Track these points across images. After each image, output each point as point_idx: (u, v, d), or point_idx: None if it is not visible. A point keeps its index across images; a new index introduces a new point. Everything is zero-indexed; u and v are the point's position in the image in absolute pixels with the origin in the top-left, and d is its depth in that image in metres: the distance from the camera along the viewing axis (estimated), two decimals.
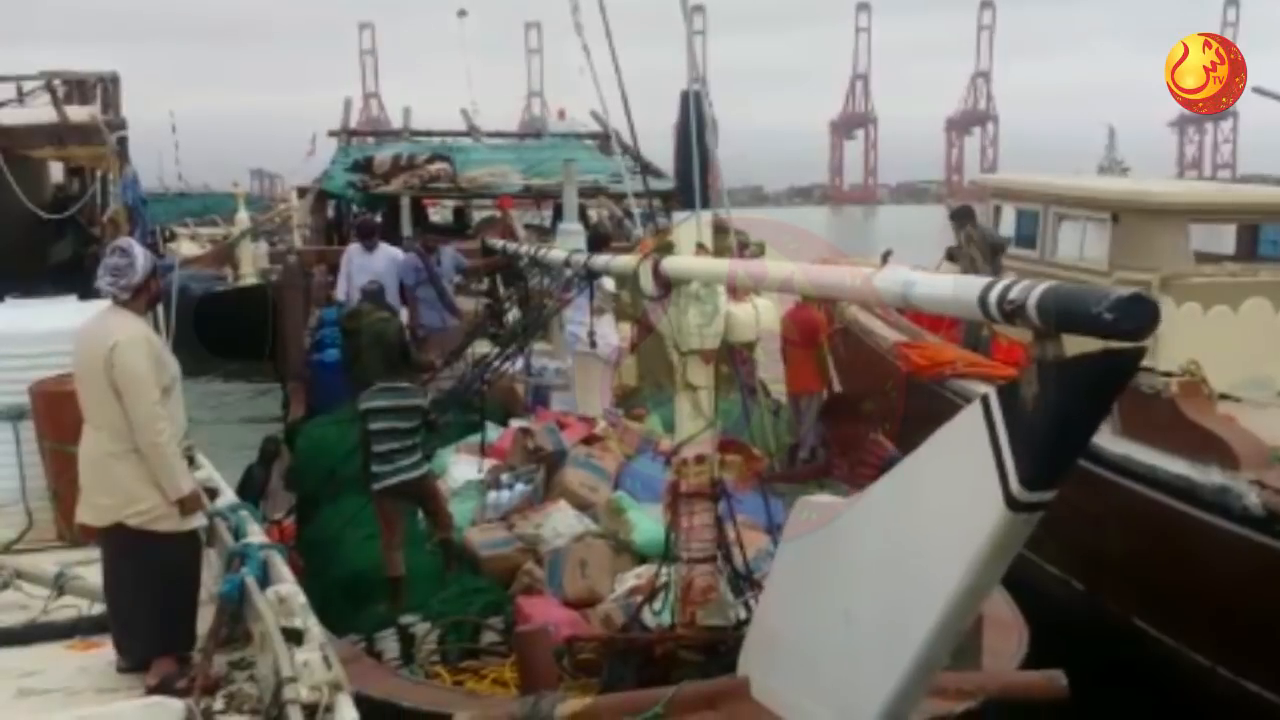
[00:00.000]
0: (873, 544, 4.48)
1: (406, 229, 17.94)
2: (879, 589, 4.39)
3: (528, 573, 7.83)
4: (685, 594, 6.47)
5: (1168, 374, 8.60)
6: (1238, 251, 11.68)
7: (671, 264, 6.38)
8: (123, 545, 5.89)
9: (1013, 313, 3.58)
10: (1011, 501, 3.59)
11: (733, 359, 8.11)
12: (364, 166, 18.85)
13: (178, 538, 5.94)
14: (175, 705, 5.37)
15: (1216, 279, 10.96)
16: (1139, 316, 3.16)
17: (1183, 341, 10.18)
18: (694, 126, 6.90)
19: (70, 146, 14.21)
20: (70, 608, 6.74)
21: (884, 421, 12.33)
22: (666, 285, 6.36)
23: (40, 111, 14.73)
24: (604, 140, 17.18)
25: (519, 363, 10.90)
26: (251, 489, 10.28)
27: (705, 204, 6.91)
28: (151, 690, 5.67)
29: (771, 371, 12.61)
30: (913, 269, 13.82)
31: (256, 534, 6.90)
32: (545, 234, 17.38)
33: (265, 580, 6.04)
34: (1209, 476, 7.93)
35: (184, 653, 5.91)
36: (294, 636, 5.29)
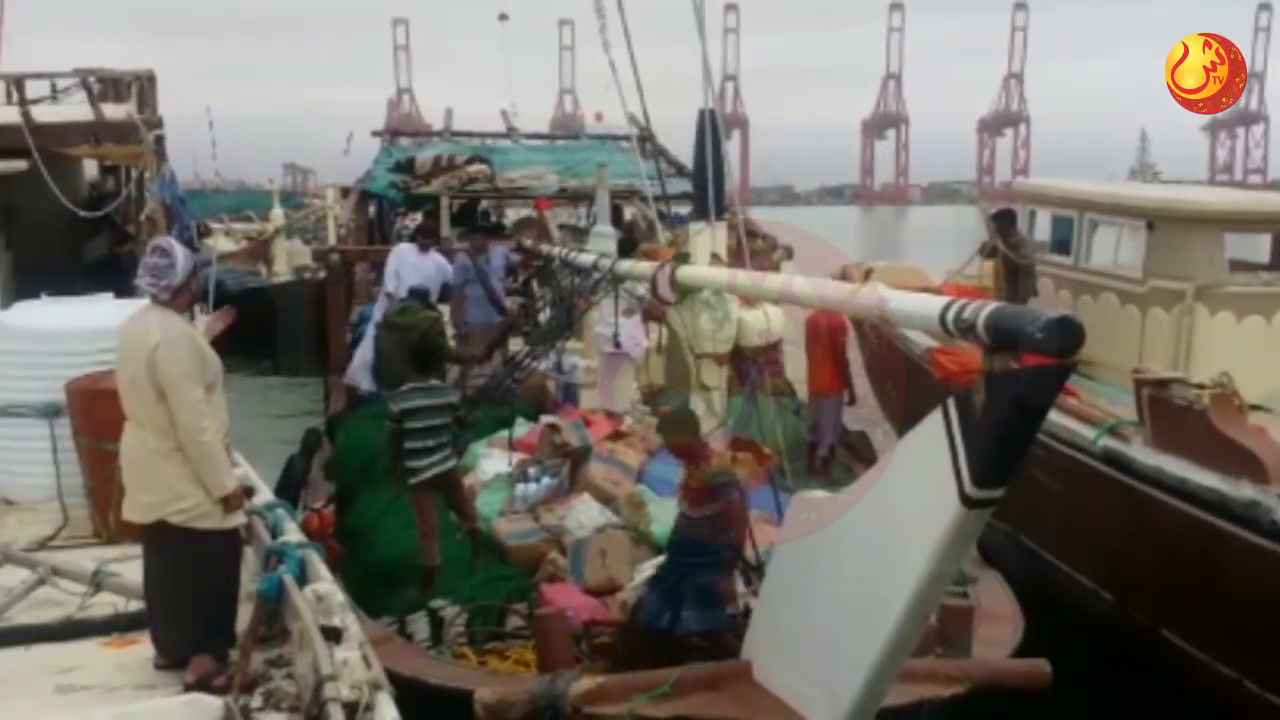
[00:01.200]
0: (855, 537, 4.90)
1: (445, 229, 18.34)
2: (859, 577, 4.81)
3: (551, 562, 8.17)
4: None
5: (1200, 386, 8.55)
6: (1272, 261, 11.57)
7: (685, 273, 6.82)
8: (164, 542, 5.92)
9: (965, 330, 4.03)
10: (965, 498, 4.05)
11: (749, 361, 8.29)
12: (406, 167, 19.20)
13: (219, 535, 5.98)
14: (213, 703, 5.40)
15: (1251, 289, 10.88)
16: (1064, 337, 3.63)
17: (1216, 351, 10.14)
18: (709, 145, 7.33)
19: (106, 145, 14.29)
20: (107, 605, 6.78)
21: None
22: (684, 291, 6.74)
23: (76, 109, 14.83)
24: (640, 143, 17.48)
25: (550, 361, 11.26)
26: (293, 478, 10.59)
27: (720, 216, 7.30)
28: (190, 687, 5.70)
29: (794, 372, 12.85)
30: (948, 272, 13.76)
31: (294, 532, 6.93)
32: (580, 234, 17.54)
33: (303, 578, 6.08)
34: (1239, 490, 7.90)
35: (222, 650, 5.95)
36: (333, 635, 5.32)
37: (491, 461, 9.89)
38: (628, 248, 12.25)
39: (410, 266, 13.92)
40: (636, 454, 9.43)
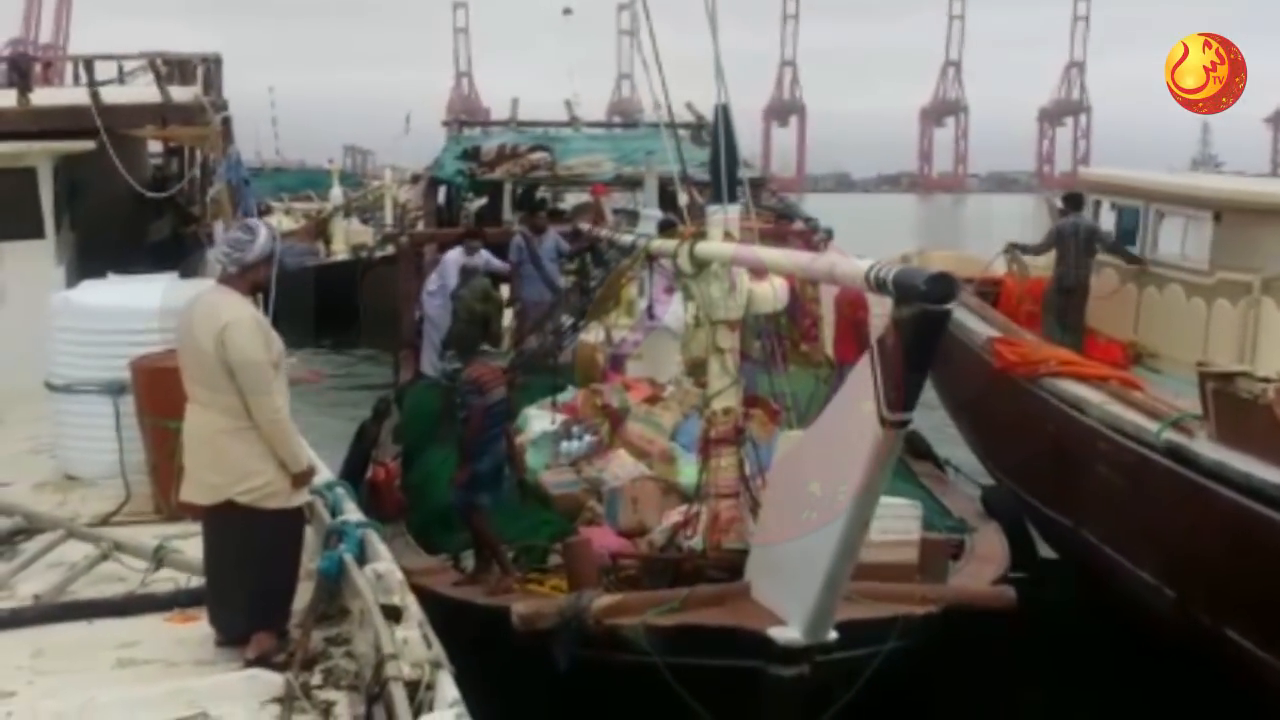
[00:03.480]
0: (816, 463, 6.02)
1: (507, 213, 19.62)
2: (820, 496, 5.86)
3: (590, 508, 9.11)
4: (713, 523, 7.91)
5: (1265, 380, 8.37)
6: None
7: (702, 248, 7.91)
8: (229, 522, 5.96)
9: (881, 285, 5.08)
10: (884, 420, 5.17)
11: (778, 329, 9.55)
12: (472, 155, 20.31)
13: (284, 515, 6.02)
14: (274, 679, 5.46)
15: None
16: (941, 288, 4.80)
17: None
18: (721, 137, 8.29)
19: (173, 126, 14.40)
20: (168, 581, 6.86)
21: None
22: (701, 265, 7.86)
23: (143, 91, 14.92)
24: (696, 130, 18.25)
25: (601, 334, 12.45)
26: (364, 441, 11.87)
27: (733, 199, 8.24)
28: (250, 664, 5.76)
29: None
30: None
31: (353, 511, 6.99)
32: (633, 217, 17.99)
33: (362, 557, 6.13)
34: None
35: (282, 628, 6.00)
36: (393, 614, 5.35)
37: (539, 422, 10.85)
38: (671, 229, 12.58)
39: (454, 274, 14.62)
40: (672, 415, 10.32)
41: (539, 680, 7.09)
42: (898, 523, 7.85)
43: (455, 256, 15.12)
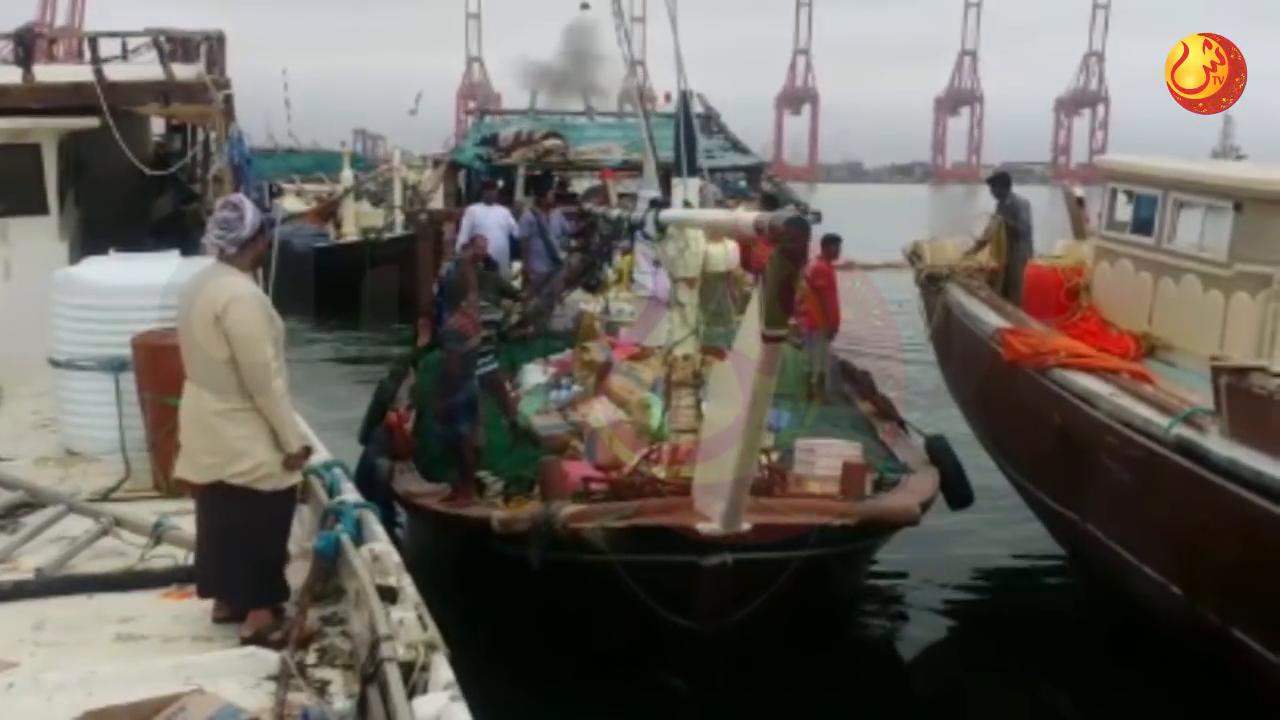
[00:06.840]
0: (732, 383, 7.07)
1: (520, 195, 21.05)
2: (732, 410, 6.95)
3: (573, 447, 10.30)
4: (673, 455, 9.13)
5: None
6: None
7: (663, 215, 9.29)
8: (223, 502, 5.95)
9: (761, 231, 6.19)
10: (764, 336, 6.29)
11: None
12: (491, 141, 22.16)
13: (277, 496, 6.01)
14: (269, 656, 5.46)
15: None
16: (797, 229, 6.02)
17: None
18: (681, 119, 9.87)
19: (176, 104, 14.30)
20: (167, 557, 6.88)
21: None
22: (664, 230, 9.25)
23: (147, 69, 14.82)
24: (703, 120, 19.28)
25: (600, 304, 14.10)
26: (383, 398, 13.08)
27: (693, 174, 9.76)
28: (246, 641, 5.76)
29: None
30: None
31: (351, 492, 6.99)
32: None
33: (359, 538, 6.11)
34: None
35: (278, 606, 5.99)
36: (388, 595, 5.33)
37: (533, 374, 12.59)
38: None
39: (480, 220, 16.67)
40: (652, 370, 11.35)
41: (516, 577, 8.32)
42: (840, 460, 9.25)
43: (478, 208, 17.15)
